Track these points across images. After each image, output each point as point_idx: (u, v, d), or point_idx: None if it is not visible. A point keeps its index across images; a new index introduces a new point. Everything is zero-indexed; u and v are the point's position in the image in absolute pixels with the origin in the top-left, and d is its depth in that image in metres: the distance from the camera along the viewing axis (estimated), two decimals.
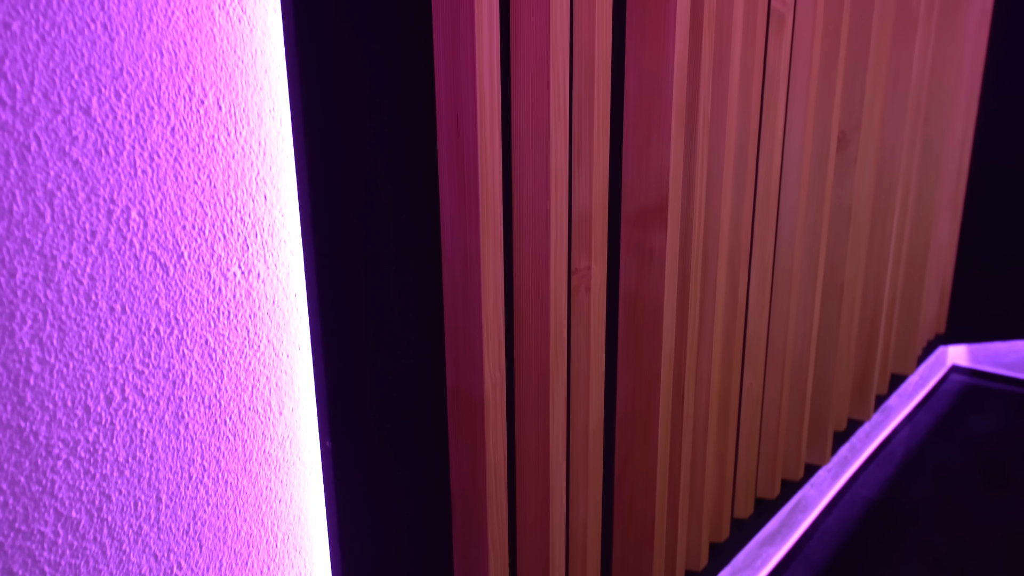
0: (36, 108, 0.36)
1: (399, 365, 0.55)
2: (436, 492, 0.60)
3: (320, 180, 0.48)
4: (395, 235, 0.53)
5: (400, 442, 0.56)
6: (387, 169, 0.51)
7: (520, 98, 0.55)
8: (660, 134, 0.66)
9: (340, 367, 0.51)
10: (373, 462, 0.54)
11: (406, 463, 0.57)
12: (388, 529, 0.56)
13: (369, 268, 0.51)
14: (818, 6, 0.88)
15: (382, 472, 0.55)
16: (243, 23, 0.43)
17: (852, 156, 1.04)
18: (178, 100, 0.41)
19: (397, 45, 0.50)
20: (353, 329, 0.51)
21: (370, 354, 0.53)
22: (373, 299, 0.52)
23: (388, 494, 0.56)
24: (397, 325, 0.54)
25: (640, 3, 0.64)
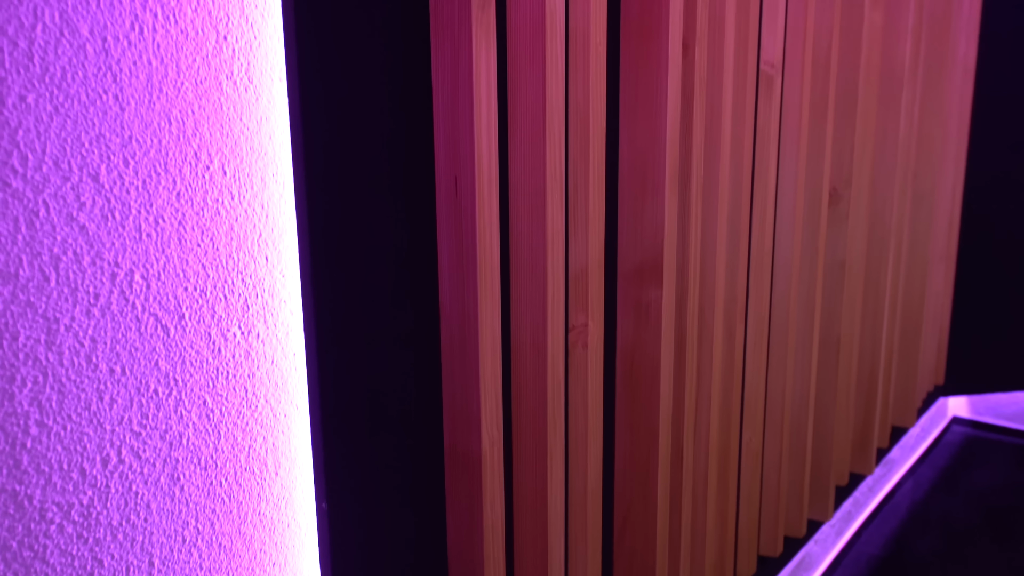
0: (46, 176, 0.37)
1: (396, 423, 0.55)
2: (433, 552, 0.59)
3: (320, 239, 0.49)
4: (393, 293, 0.53)
5: (397, 502, 0.56)
6: (386, 230, 0.52)
7: (517, 160, 0.56)
8: (654, 193, 0.67)
9: (337, 425, 0.51)
10: (369, 523, 0.54)
11: (402, 523, 0.56)
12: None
13: (366, 325, 0.52)
14: (805, 68, 0.91)
15: (378, 533, 0.55)
16: (250, 92, 0.45)
17: (844, 211, 1.06)
18: (184, 166, 0.43)
19: (397, 112, 0.52)
20: (350, 387, 0.51)
21: (367, 411, 0.53)
22: (370, 355, 0.52)
23: (384, 555, 0.55)
24: (394, 382, 0.54)
25: (633, 68, 0.66)
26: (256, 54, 0.45)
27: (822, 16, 0.95)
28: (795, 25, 0.90)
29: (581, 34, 0.59)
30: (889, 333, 1.30)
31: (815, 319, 1.02)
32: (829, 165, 1.00)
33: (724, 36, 0.74)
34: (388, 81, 0.51)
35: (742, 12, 0.79)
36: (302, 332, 0.49)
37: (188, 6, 0.42)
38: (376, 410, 0.53)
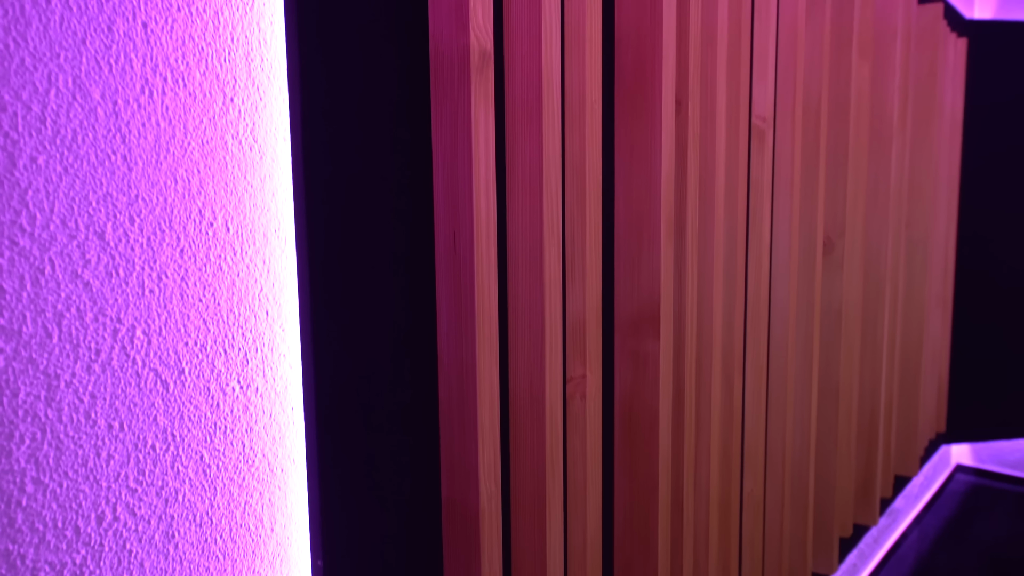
0: (53, 234, 0.38)
1: (393, 475, 0.55)
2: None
3: (320, 293, 0.49)
4: (393, 345, 0.54)
5: (394, 557, 0.55)
6: (385, 284, 0.53)
7: (515, 213, 0.57)
8: (650, 245, 0.68)
9: (334, 479, 0.51)
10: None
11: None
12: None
13: (365, 377, 0.52)
14: (796, 121, 0.93)
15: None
16: (254, 151, 0.46)
17: (839, 260, 1.07)
18: (188, 223, 0.43)
19: (398, 169, 0.53)
20: (348, 441, 0.51)
21: (364, 464, 0.53)
22: (368, 408, 0.52)
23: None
24: (392, 435, 0.54)
25: (627, 125, 0.68)
26: (261, 114, 0.47)
27: (811, 71, 0.98)
28: (785, 80, 0.93)
29: (577, 92, 0.61)
30: (888, 380, 1.30)
31: (813, 367, 1.02)
32: (822, 214, 1.01)
33: (716, 92, 0.77)
34: (389, 139, 0.52)
35: (733, 69, 0.81)
36: (301, 385, 0.49)
37: (197, 70, 0.43)
38: (374, 463, 0.53)
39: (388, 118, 0.52)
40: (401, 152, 0.53)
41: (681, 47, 0.71)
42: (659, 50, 0.66)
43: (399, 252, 0.53)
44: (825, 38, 0.97)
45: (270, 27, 0.47)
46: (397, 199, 0.53)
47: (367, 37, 0.50)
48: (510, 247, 0.58)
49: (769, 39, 0.87)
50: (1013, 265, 1.68)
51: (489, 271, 0.53)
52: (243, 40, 0.45)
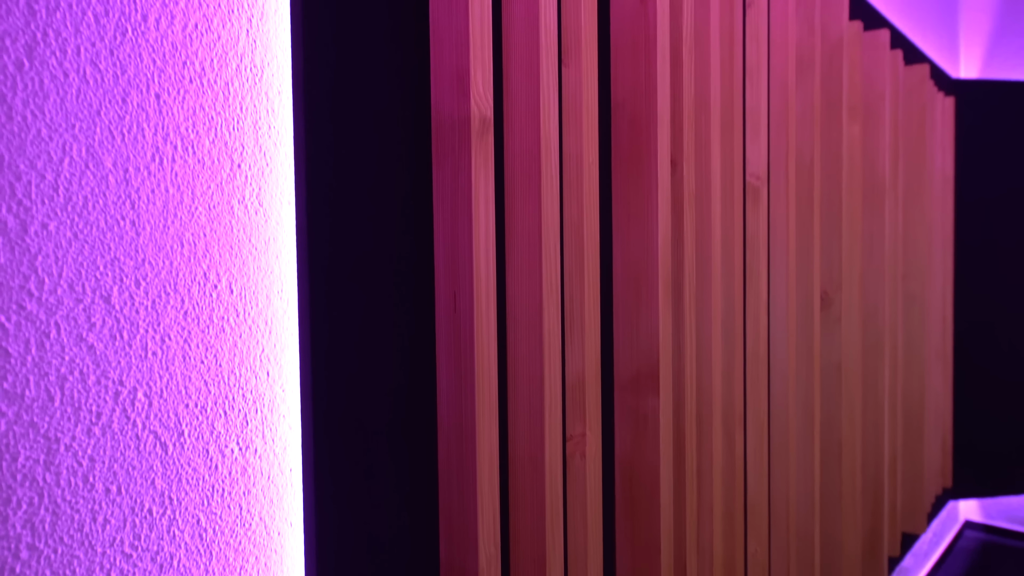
0: (60, 298, 0.39)
1: (392, 541, 0.54)
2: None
3: (322, 356, 0.49)
4: (393, 408, 0.54)
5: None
6: (386, 345, 0.53)
7: (514, 273, 0.58)
8: (648, 302, 0.69)
9: (331, 544, 0.50)
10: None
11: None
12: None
13: (364, 440, 0.52)
14: (790, 179, 0.95)
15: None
16: (259, 215, 0.47)
17: (836, 315, 1.07)
18: (193, 286, 0.44)
19: (400, 231, 0.54)
20: (346, 503, 0.51)
21: (361, 527, 0.52)
22: (367, 471, 0.52)
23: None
24: (390, 498, 0.54)
25: (624, 186, 0.70)
26: (267, 179, 0.48)
27: (803, 131, 1.00)
28: (778, 140, 0.95)
29: (574, 155, 0.63)
30: (891, 435, 1.28)
31: (815, 423, 1.01)
32: (818, 270, 1.02)
33: (710, 153, 0.79)
34: (391, 202, 0.53)
35: (726, 130, 0.83)
36: (300, 447, 0.49)
37: (206, 137, 0.45)
38: (371, 526, 0.53)
39: (390, 181, 0.53)
40: (403, 214, 0.54)
41: (675, 110, 0.74)
42: (654, 113, 0.68)
43: (400, 312, 0.54)
44: (815, 100, 1.00)
45: (278, 96, 0.49)
46: (399, 261, 0.54)
47: (371, 103, 0.52)
48: (509, 307, 0.58)
49: (761, 101, 0.89)
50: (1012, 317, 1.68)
51: (489, 331, 0.54)
52: (252, 109, 0.47)
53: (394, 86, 0.53)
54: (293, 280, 0.49)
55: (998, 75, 1.88)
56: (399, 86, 0.53)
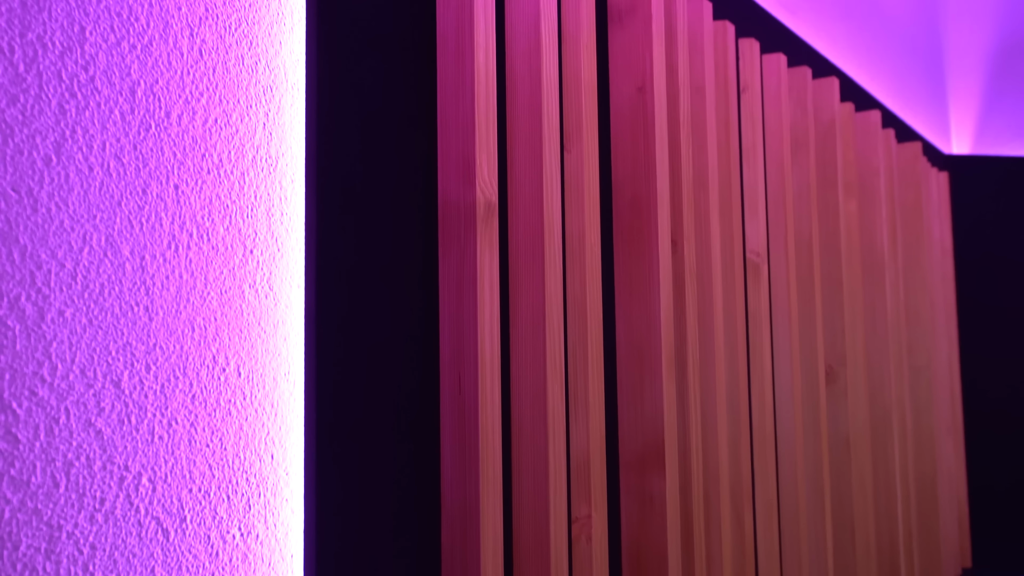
0: (72, 383, 0.40)
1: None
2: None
3: (326, 436, 0.49)
4: (397, 489, 0.53)
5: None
6: (391, 425, 0.53)
7: (518, 351, 0.59)
8: (652, 380, 0.69)
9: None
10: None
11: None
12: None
13: (368, 523, 0.51)
14: (790, 255, 0.97)
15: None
16: (269, 299, 0.48)
17: (842, 389, 1.07)
18: (202, 369, 0.45)
19: (405, 315, 0.55)
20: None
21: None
22: (370, 555, 0.51)
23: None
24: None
25: (626, 264, 0.71)
26: (278, 264, 0.49)
27: (800, 208, 1.03)
28: (776, 217, 0.97)
29: (576, 235, 0.64)
30: (905, 512, 1.25)
31: (826, 500, 0.99)
32: (822, 344, 1.03)
33: (710, 231, 0.80)
34: (398, 285, 0.54)
35: (725, 208, 0.85)
36: (302, 532, 0.49)
37: (220, 225, 0.47)
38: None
39: (397, 265, 0.54)
40: (409, 297, 0.55)
41: (674, 190, 0.76)
42: (653, 194, 0.70)
43: (405, 393, 0.54)
44: (811, 178, 1.03)
45: (291, 184, 0.51)
46: (404, 343, 0.54)
47: (380, 189, 0.54)
48: (514, 387, 0.59)
49: (758, 180, 0.92)
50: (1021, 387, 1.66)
51: (493, 412, 0.54)
52: (265, 197, 0.49)
53: (402, 173, 0.55)
54: (300, 362, 0.50)
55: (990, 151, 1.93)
56: (407, 173, 0.55)
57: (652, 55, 0.71)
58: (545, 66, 0.60)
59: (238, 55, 0.48)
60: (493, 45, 0.57)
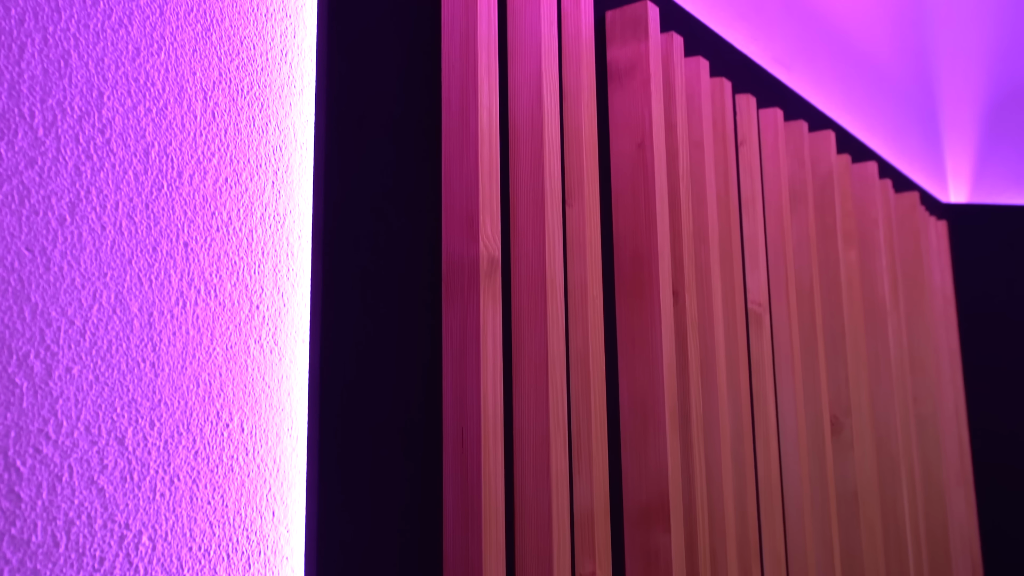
0: (76, 440, 0.40)
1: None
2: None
3: (328, 492, 0.49)
4: (400, 545, 0.52)
5: None
6: (394, 478, 0.53)
7: (521, 406, 0.59)
8: (656, 432, 0.69)
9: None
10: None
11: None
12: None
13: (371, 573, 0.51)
14: (791, 305, 0.97)
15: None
16: (274, 353, 0.49)
17: (848, 440, 1.06)
18: (205, 425, 0.45)
19: (409, 368, 0.55)
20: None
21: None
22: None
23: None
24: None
25: (628, 316, 0.71)
26: (284, 319, 0.50)
27: (800, 258, 1.04)
28: (776, 267, 0.98)
29: (579, 288, 0.65)
30: (917, 566, 1.22)
31: (835, 555, 0.97)
32: (826, 395, 1.02)
33: (711, 282, 0.81)
34: (401, 340, 0.55)
35: (726, 259, 0.86)
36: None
37: (228, 281, 0.47)
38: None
39: (401, 319, 0.55)
40: (412, 351, 0.55)
41: (675, 243, 0.77)
42: (654, 247, 0.71)
43: (408, 447, 0.54)
44: (810, 228, 1.04)
45: (298, 241, 0.52)
46: (408, 396, 0.54)
47: (384, 245, 0.55)
48: (516, 441, 0.58)
49: (758, 231, 0.93)
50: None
51: (496, 467, 0.53)
52: (272, 254, 0.50)
53: (407, 229, 0.56)
54: (303, 417, 0.50)
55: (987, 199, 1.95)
56: (412, 229, 0.56)
57: (651, 112, 0.73)
58: (547, 124, 0.62)
59: (249, 116, 0.50)
60: (496, 104, 0.58)
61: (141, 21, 0.45)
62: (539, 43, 0.63)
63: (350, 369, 0.51)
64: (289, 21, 0.53)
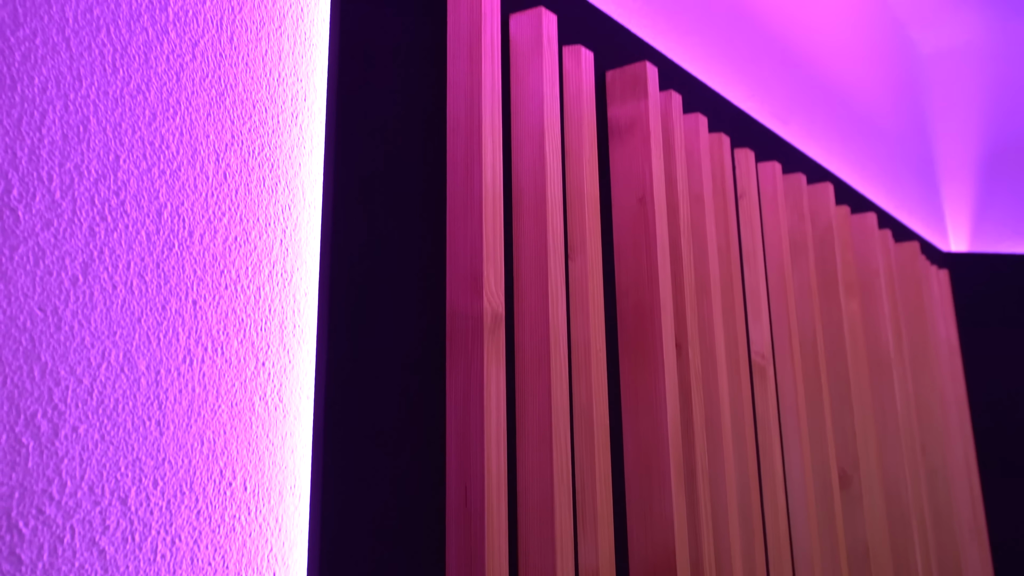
0: (79, 501, 0.40)
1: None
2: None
3: (328, 553, 0.49)
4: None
5: None
6: (397, 541, 0.52)
7: (525, 464, 0.58)
8: (661, 487, 0.68)
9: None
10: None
11: None
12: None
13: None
14: (795, 356, 0.97)
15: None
16: (279, 411, 0.49)
17: (857, 494, 1.04)
18: (208, 484, 0.45)
19: (412, 425, 0.55)
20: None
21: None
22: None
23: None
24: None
25: (632, 371, 0.71)
26: (289, 376, 0.50)
27: (803, 309, 1.04)
28: (779, 319, 0.98)
29: (582, 343, 0.65)
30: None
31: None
32: (833, 448, 1.01)
33: (714, 335, 0.81)
34: (405, 397, 0.55)
35: (728, 312, 0.87)
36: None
37: (235, 338, 0.48)
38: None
39: (406, 375, 0.55)
40: (417, 409, 0.55)
41: (677, 296, 0.77)
42: (656, 300, 0.72)
43: (411, 507, 0.53)
44: (811, 279, 1.05)
45: (304, 298, 0.52)
46: (411, 457, 0.54)
47: (390, 301, 0.55)
48: (520, 499, 0.58)
49: (759, 283, 0.94)
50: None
51: (500, 525, 0.53)
52: (279, 310, 0.50)
53: (412, 285, 0.57)
54: (307, 475, 0.49)
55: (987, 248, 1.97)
56: (417, 285, 0.57)
57: (651, 167, 0.75)
58: (549, 180, 0.63)
59: (260, 177, 0.51)
60: (500, 162, 0.60)
61: (158, 87, 0.47)
62: (542, 102, 0.65)
63: (355, 426, 0.51)
64: (300, 85, 0.55)
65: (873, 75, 1.73)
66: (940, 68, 2.16)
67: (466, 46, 0.61)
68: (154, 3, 0.47)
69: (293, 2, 0.55)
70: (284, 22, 0.54)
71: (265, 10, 0.53)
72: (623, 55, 0.83)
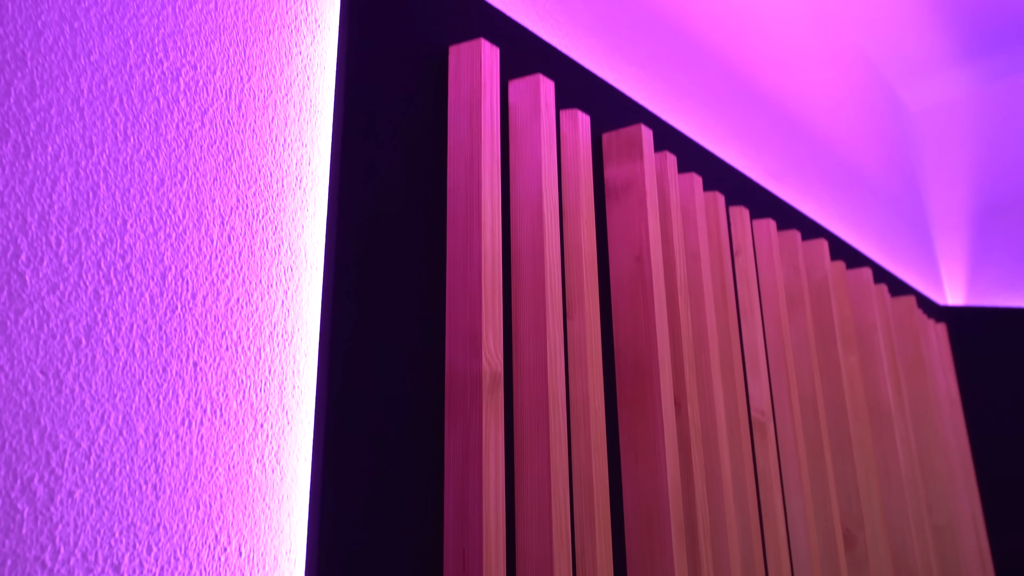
0: (71, 568, 0.39)
1: None
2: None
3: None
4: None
5: None
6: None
7: (524, 523, 0.58)
8: (662, 547, 0.67)
9: None
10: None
11: None
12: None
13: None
14: (794, 412, 0.97)
15: None
16: (276, 473, 0.49)
17: (863, 554, 1.02)
18: (203, 550, 0.44)
19: (411, 487, 0.55)
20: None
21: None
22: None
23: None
24: None
25: (631, 428, 0.71)
26: (287, 437, 0.50)
27: (801, 365, 1.04)
28: (778, 375, 0.98)
29: (581, 402, 0.65)
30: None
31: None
32: (837, 506, 1.00)
33: (713, 391, 0.81)
34: (403, 459, 0.55)
35: (727, 368, 0.87)
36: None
37: (234, 400, 0.48)
38: None
39: (405, 435, 0.55)
40: (415, 468, 0.55)
41: (675, 352, 0.78)
42: (655, 357, 0.72)
43: (410, 568, 0.53)
44: (809, 334, 1.05)
45: (304, 358, 0.53)
46: (409, 520, 0.54)
47: (388, 361, 0.55)
48: (519, 559, 0.57)
49: (757, 339, 0.94)
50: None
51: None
52: (279, 372, 0.51)
53: (410, 345, 0.57)
54: (302, 540, 0.49)
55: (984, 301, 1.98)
56: (415, 345, 0.57)
57: (648, 226, 0.76)
58: (547, 240, 0.64)
59: (263, 239, 0.52)
60: (499, 224, 0.61)
61: (167, 153, 0.48)
62: (540, 164, 0.66)
63: (352, 488, 0.51)
64: (305, 150, 0.56)
65: (864, 133, 1.78)
66: (929, 125, 2.21)
67: (466, 111, 0.63)
68: (166, 74, 0.49)
69: (300, 71, 0.57)
70: (291, 90, 0.56)
71: (272, 79, 0.55)
72: (619, 117, 0.85)
